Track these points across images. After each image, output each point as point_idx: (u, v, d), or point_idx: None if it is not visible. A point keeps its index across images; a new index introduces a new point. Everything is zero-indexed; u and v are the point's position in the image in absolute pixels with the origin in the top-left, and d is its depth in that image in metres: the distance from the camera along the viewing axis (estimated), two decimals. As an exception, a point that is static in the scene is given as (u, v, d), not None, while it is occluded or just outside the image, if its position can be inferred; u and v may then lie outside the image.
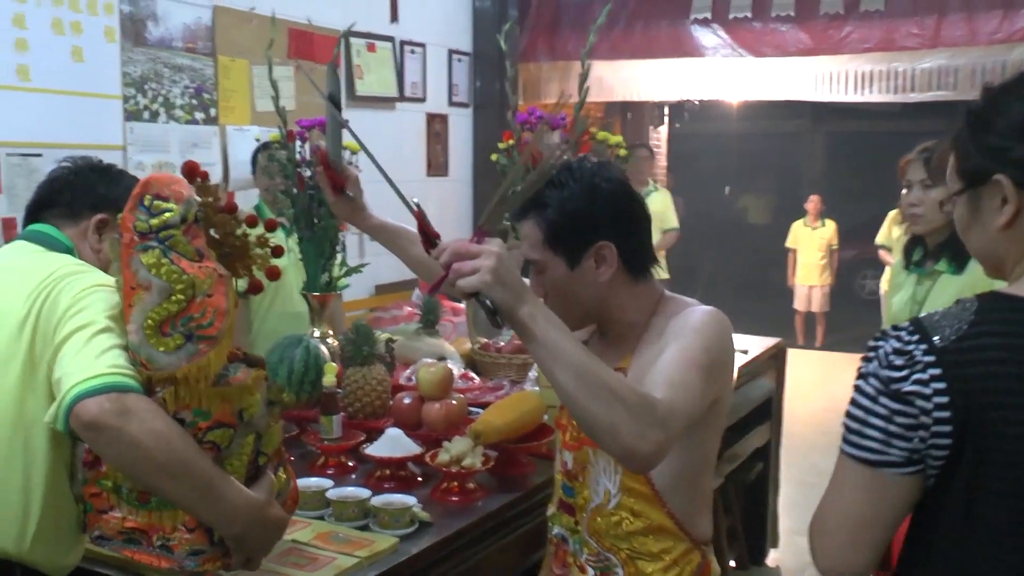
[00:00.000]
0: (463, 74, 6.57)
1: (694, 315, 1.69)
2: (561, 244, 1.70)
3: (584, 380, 1.39)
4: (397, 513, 2.00)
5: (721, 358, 1.66)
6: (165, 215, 1.57)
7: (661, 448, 1.42)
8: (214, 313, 1.57)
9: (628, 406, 1.39)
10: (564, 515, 1.87)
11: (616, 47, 6.68)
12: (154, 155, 4.28)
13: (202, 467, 1.56)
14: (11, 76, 3.71)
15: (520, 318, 1.42)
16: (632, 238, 1.74)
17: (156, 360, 1.55)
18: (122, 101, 4.13)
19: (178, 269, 1.55)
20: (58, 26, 3.88)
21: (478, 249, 1.41)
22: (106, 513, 1.66)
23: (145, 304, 1.55)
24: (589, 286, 1.72)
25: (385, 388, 2.62)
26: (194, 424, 1.58)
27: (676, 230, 7.29)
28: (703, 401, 1.58)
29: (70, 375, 1.52)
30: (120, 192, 1.91)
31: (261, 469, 1.71)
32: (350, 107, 5.53)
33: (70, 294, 1.64)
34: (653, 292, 1.79)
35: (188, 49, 4.46)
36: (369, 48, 5.72)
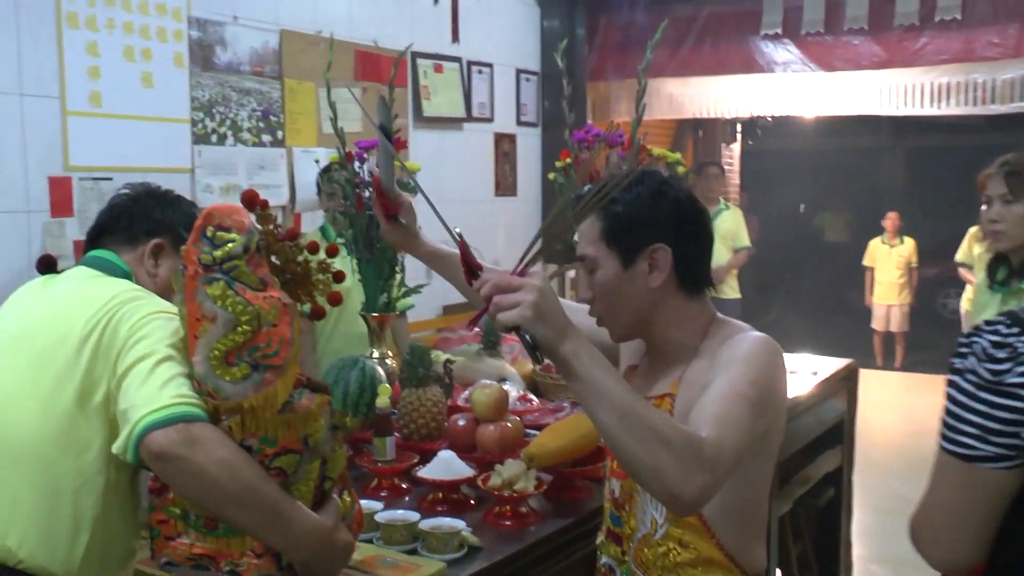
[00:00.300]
0: (531, 94, 6.56)
1: (743, 344, 1.63)
2: (618, 241, 1.67)
3: (627, 421, 1.36)
4: (446, 537, 1.96)
5: (771, 389, 1.60)
6: (228, 246, 1.59)
7: (707, 490, 1.38)
8: (280, 343, 1.58)
9: (672, 448, 1.35)
10: (612, 545, 1.82)
11: (686, 64, 6.62)
12: (222, 178, 4.34)
13: (269, 494, 1.57)
14: (84, 103, 3.79)
15: (562, 354, 1.38)
16: (690, 249, 1.70)
17: (223, 390, 1.57)
18: (190, 125, 4.20)
19: (243, 300, 1.56)
20: (129, 53, 3.96)
21: (520, 282, 1.38)
22: (174, 540, 1.67)
23: (211, 335, 1.56)
24: (639, 290, 1.67)
25: (440, 410, 2.59)
26: (260, 451, 1.59)
27: (748, 248, 7.16)
28: (752, 435, 1.53)
29: (137, 407, 1.54)
30: (176, 217, 1.95)
31: (327, 494, 1.72)
32: (417, 128, 5.56)
33: (130, 321, 1.65)
34: (705, 313, 1.73)
35: (255, 73, 4.52)
36: (436, 69, 5.74)
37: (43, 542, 1.64)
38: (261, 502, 1.56)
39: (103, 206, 1.98)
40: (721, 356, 1.62)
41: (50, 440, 1.65)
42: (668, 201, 1.67)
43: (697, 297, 1.73)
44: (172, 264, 1.90)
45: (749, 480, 1.67)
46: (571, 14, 6.65)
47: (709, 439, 1.42)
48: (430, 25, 5.62)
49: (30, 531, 1.64)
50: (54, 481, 1.65)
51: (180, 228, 1.92)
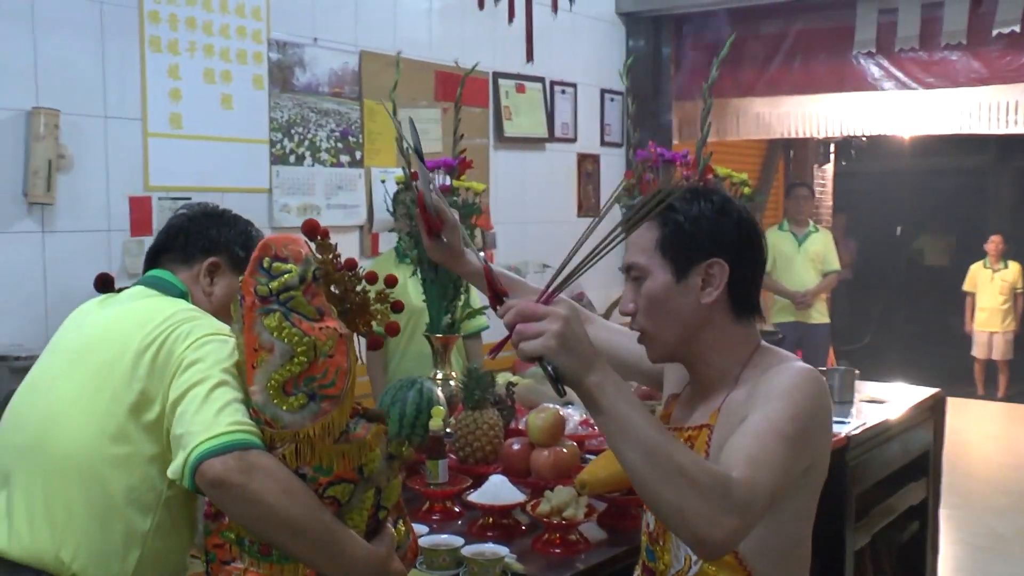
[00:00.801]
0: (615, 113, 6.49)
1: (784, 376, 1.55)
2: (674, 251, 1.60)
3: (653, 459, 1.29)
4: (488, 564, 1.91)
5: (812, 423, 1.51)
6: (284, 277, 1.59)
7: (735, 535, 1.32)
8: (336, 373, 1.59)
9: (699, 489, 1.29)
10: None
11: (774, 83, 6.47)
12: (299, 198, 4.39)
13: (323, 522, 1.57)
14: (164, 124, 3.88)
15: (587, 387, 1.32)
16: (746, 271, 1.63)
17: (281, 419, 1.58)
18: (269, 145, 4.25)
19: (299, 332, 1.57)
20: (209, 75, 4.03)
21: (544, 311, 1.33)
22: (229, 564, 1.68)
23: (268, 366, 1.57)
24: (689, 306, 1.60)
25: (497, 433, 2.55)
26: (315, 480, 1.60)
27: (837, 272, 6.97)
28: (789, 475, 1.46)
29: (193, 434, 1.55)
30: (232, 236, 1.97)
31: (381, 523, 1.71)
32: (498, 148, 5.55)
33: (185, 343, 1.67)
34: (750, 340, 1.66)
35: (334, 93, 4.56)
36: (518, 89, 5.73)
37: (95, 556, 1.66)
38: (314, 530, 1.56)
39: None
40: (761, 388, 1.55)
41: (104, 455, 1.67)
42: (731, 218, 1.62)
43: (745, 322, 1.65)
44: (228, 283, 1.93)
45: (789, 516, 1.58)
46: (657, 33, 6.57)
47: (740, 480, 1.35)
48: (512, 46, 5.62)
49: (83, 545, 1.66)
50: (107, 497, 1.66)
51: (236, 247, 1.95)
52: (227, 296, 1.91)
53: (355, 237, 4.71)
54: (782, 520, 1.56)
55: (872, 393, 3.87)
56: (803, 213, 6.92)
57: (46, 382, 1.78)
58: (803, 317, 6.75)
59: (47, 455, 1.69)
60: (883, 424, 3.43)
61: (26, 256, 3.42)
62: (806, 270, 6.78)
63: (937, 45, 5.92)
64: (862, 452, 3.28)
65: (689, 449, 1.39)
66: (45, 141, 3.40)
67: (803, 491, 1.58)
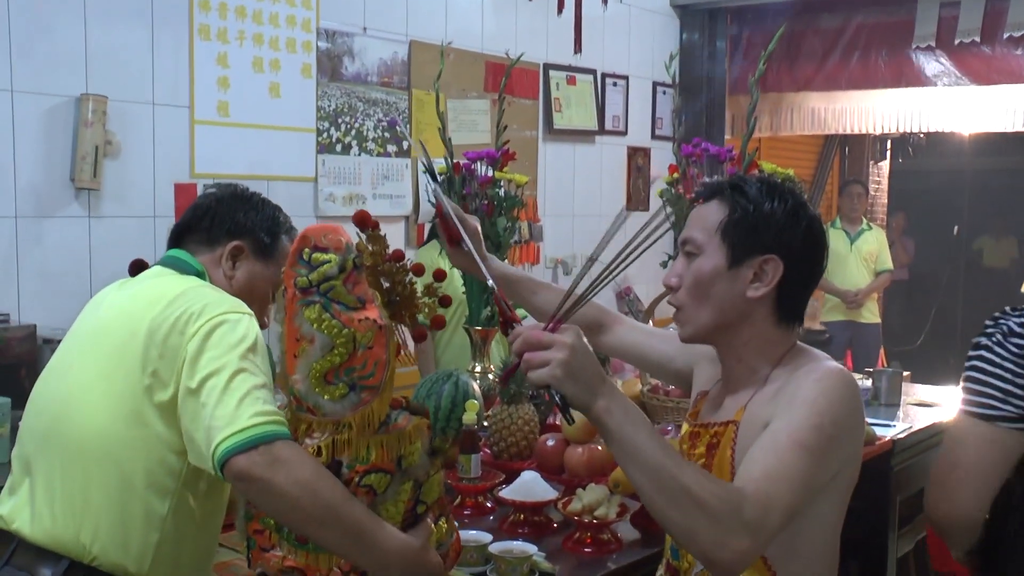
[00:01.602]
0: (667, 107, 6.42)
1: (810, 379, 1.51)
2: (734, 236, 1.57)
3: (660, 482, 1.30)
4: (516, 562, 1.89)
5: (838, 429, 1.47)
6: (323, 267, 1.59)
7: (745, 556, 1.32)
8: (375, 365, 1.59)
9: (708, 511, 1.29)
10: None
11: (831, 78, 6.34)
12: (345, 187, 4.39)
13: (352, 513, 1.55)
14: (212, 112, 3.89)
15: (594, 412, 1.34)
16: (801, 275, 1.59)
17: (323, 407, 1.59)
18: (315, 134, 4.26)
19: (339, 324, 1.57)
20: (258, 64, 4.04)
21: (550, 339, 1.33)
22: (268, 551, 1.68)
23: (309, 356, 1.58)
24: (734, 295, 1.57)
25: (532, 428, 2.52)
26: (351, 467, 1.60)
27: (890, 271, 6.83)
28: (811, 487, 1.43)
29: (217, 428, 1.54)
30: (259, 220, 1.93)
31: (420, 517, 1.70)
32: (547, 140, 5.52)
33: (196, 323, 1.65)
34: (786, 343, 1.62)
35: (383, 83, 4.55)
36: (569, 81, 5.68)
37: (114, 539, 1.65)
38: (343, 522, 1.55)
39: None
40: (788, 389, 1.52)
41: (120, 438, 1.66)
42: (800, 221, 1.58)
43: (785, 326, 1.62)
44: (250, 268, 1.90)
45: (816, 521, 1.55)
46: (712, 26, 6.48)
47: (754, 497, 1.34)
48: (564, 38, 5.57)
49: (101, 528, 1.65)
50: (124, 480, 1.66)
51: (261, 232, 1.92)
52: (248, 281, 1.89)
53: (401, 227, 4.70)
54: (810, 523, 1.53)
55: (922, 396, 3.78)
56: (856, 211, 6.80)
57: (63, 367, 1.77)
58: (854, 316, 6.63)
59: (64, 440, 1.69)
60: (931, 428, 3.35)
61: (72, 240, 3.46)
62: (858, 269, 6.66)
63: (999, 38, 5.75)
64: (908, 457, 3.20)
65: (699, 469, 1.37)
66: (93, 127, 3.43)
67: (832, 495, 1.54)
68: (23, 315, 3.30)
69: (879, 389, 3.62)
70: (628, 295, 5.86)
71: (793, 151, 8.30)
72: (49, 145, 3.40)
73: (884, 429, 3.17)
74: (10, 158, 3.30)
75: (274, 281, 1.93)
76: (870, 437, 2.96)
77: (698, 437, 1.66)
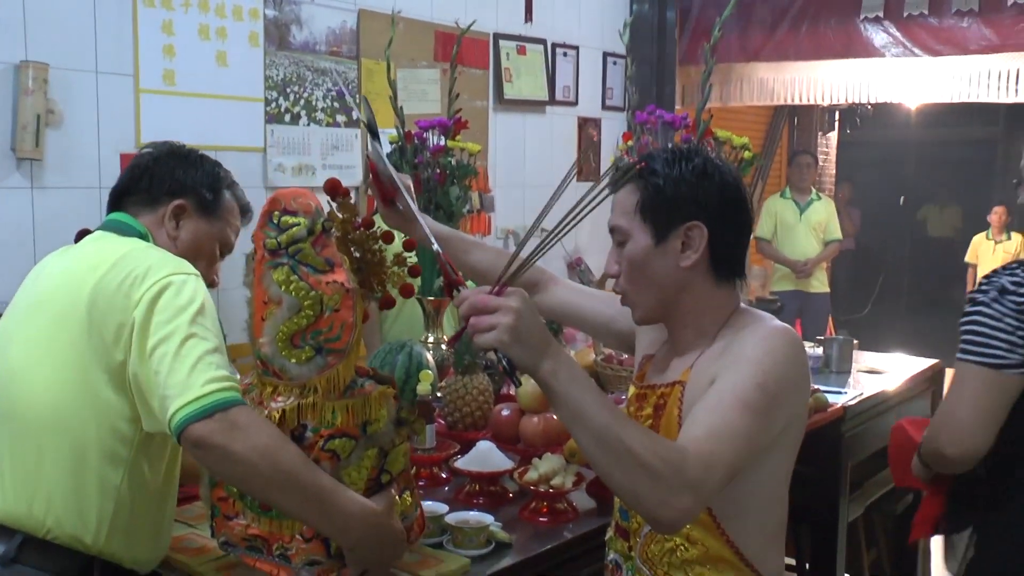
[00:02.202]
0: (618, 78, 6.41)
1: (755, 337, 1.53)
2: (653, 214, 1.58)
3: (604, 444, 1.32)
4: (472, 532, 1.88)
5: (783, 387, 1.49)
6: (292, 230, 1.61)
7: (688, 512, 1.34)
8: (341, 327, 1.62)
9: (651, 472, 1.31)
10: (619, 540, 1.73)
11: (780, 48, 6.37)
12: (295, 158, 4.32)
13: (310, 478, 1.55)
14: (158, 81, 3.80)
15: (541, 375, 1.35)
16: (727, 233, 1.61)
17: (289, 371, 1.60)
18: (264, 104, 4.18)
19: (306, 286, 1.59)
20: (204, 32, 3.96)
21: (496, 303, 1.34)
22: (232, 520, 1.70)
23: (277, 318, 1.60)
24: (668, 269, 1.59)
25: (487, 399, 2.51)
26: (316, 431, 1.61)
27: (839, 241, 6.90)
28: (754, 444, 1.45)
29: (170, 397, 1.52)
30: (199, 177, 1.89)
31: (384, 488, 1.70)
32: (497, 111, 5.48)
33: (142, 287, 1.61)
34: (730, 303, 1.64)
35: (332, 53, 4.48)
36: (520, 51, 5.64)
37: (69, 510, 1.63)
38: (302, 486, 1.54)
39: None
40: (733, 348, 1.54)
41: (69, 408, 1.63)
42: (713, 181, 1.59)
43: (726, 285, 1.64)
44: (194, 226, 1.86)
45: (763, 478, 1.57)
46: (662, -3, 6.46)
47: (696, 456, 1.36)
48: (514, 7, 5.52)
49: (55, 499, 1.62)
50: (76, 450, 1.63)
51: (203, 189, 1.88)
52: (193, 240, 1.85)
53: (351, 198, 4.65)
54: (757, 481, 1.55)
55: (871, 363, 3.84)
56: (806, 181, 6.86)
57: (4, 341, 1.73)
58: (803, 286, 6.70)
59: (11, 414, 1.66)
60: (880, 395, 3.40)
61: (15, 212, 3.37)
62: (807, 239, 6.73)
63: (947, 10, 5.81)
64: (858, 423, 3.25)
65: (644, 430, 1.38)
66: (34, 95, 3.33)
67: (778, 452, 1.56)
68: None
69: (830, 357, 3.66)
70: (579, 266, 5.86)
71: (742, 122, 8.34)
72: (-12, 114, 3.31)
73: (835, 396, 3.21)
74: (-53, 127, 3.21)
75: (220, 238, 1.91)
76: (822, 404, 3.00)
77: (645, 399, 1.67)
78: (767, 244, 6.85)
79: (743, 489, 1.52)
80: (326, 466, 1.62)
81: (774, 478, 1.59)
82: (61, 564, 1.63)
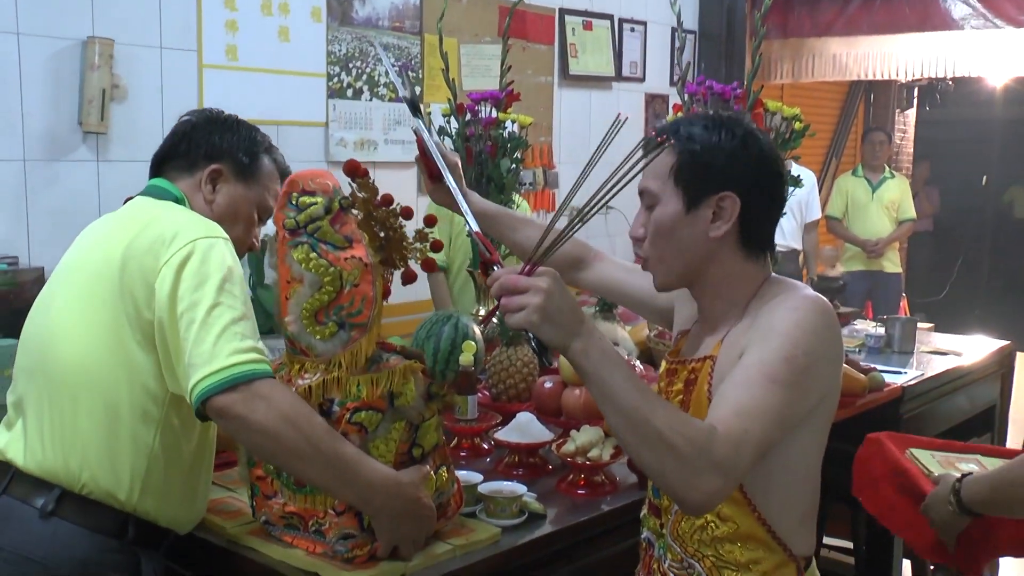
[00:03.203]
0: (687, 53, 6.32)
1: (783, 308, 1.49)
2: (686, 180, 1.54)
3: (633, 424, 1.32)
4: (505, 502, 1.88)
5: (812, 360, 1.45)
6: (310, 209, 1.67)
7: (716, 493, 1.33)
8: (362, 302, 1.67)
9: (678, 453, 1.30)
10: (652, 518, 1.70)
11: (853, 22, 6.21)
12: (356, 132, 4.35)
13: (332, 448, 1.58)
14: (220, 56, 3.86)
15: (572, 354, 1.35)
16: (760, 206, 1.56)
17: (315, 347, 1.66)
18: (326, 79, 4.22)
19: (325, 262, 1.64)
20: (267, 7, 4.00)
21: (526, 283, 1.33)
22: (271, 499, 1.74)
23: (300, 296, 1.65)
24: (696, 237, 1.55)
25: (531, 371, 2.51)
26: (342, 404, 1.65)
27: (912, 220, 6.73)
28: (786, 420, 1.42)
29: (195, 367, 1.56)
30: (235, 142, 1.91)
31: (416, 462, 1.73)
32: (562, 87, 5.45)
33: (169, 251, 1.64)
34: (759, 275, 1.59)
35: (395, 28, 4.50)
36: (585, 26, 5.60)
37: (103, 466, 1.67)
38: (324, 455, 1.57)
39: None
40: (762, 320, 1.49)
41: (101, 366, 1.67)
42: (750, 152, 1.55)
43: (756, 259, 1.59)
44: (230, 190, 1.88)
45: (795, 453, 1.52)
46: (732, -30, 6.35)
47: (725, 435, 1.34)
48: (579, -19, 5.48)
49: (89, 455, 1.66)
50: (110, 407, 1.67)
51: (240, 153, 1.90)
52: (229, 204, 1.87)
53: (413, 173, 4.66)
54: (789, 456, 1.51)
55: (940, 344, 3.74)
56: (879, 159, 6.69)
57: (46, 302, 1.78)
58: (874, 266, 6.56)
59: (48, 372, 1.70)
60: (944, 375, 3.31)
61: (82, 184, 3.46)
62: (880, 218, 6.57)
63: (1031, -21, 5.60)
64: (919, 404, 3.17)
65: (674, 410, 1.36)
66: (100, 71, 3.41)
67: (811, 427, 1.52)
68: (33, 258, 3.31)
69: (892, 336, 3.58)
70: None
71: (816, 98, 8.16)
72: (57, 89, 3.38)
73: (894, 376, 3.14)
74: (17, 102, 3.29)
75: (257, 201, 1.92)
76: (877, 383, 2.93)
77: (675, 374, 1.65)
78: (837, 223, 6.71)
79: (775, 465, 1.49)
80: (354, 439, 1.64)
81: (807, 454, 1.55)
82: (97, 519, 1.67)
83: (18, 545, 1.65)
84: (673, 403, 1.58)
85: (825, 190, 7.71)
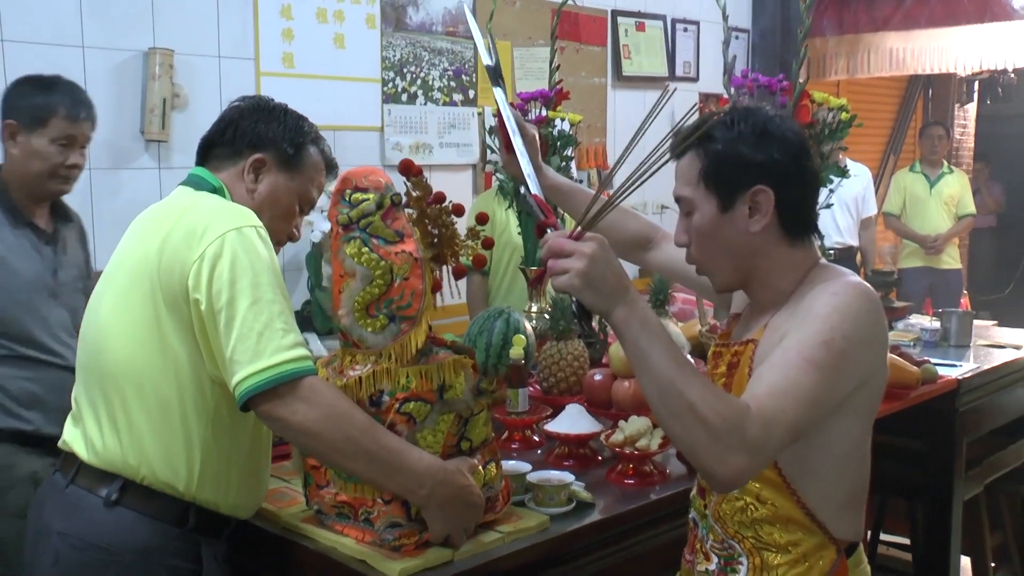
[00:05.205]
0: (740, 52, 6.30)
1: (827, 293, 1.49)
2: (716, 182, 1.55)
3: (666, 395, 1.33)
4: (553, 491, 1.91)
5: (853, 345, 1.44)
6: (362, 205, 1.72)
7: (744, 472, 1.34)
8: (412, 295, 1.71)
9: (709, 428, 1.31)
10: (698, 498, 1.72)
11: (910, 15, 6.14)
12: (411, 136, 4.42)
13: (375, 442, 1.62)
14: (277, 64, 3.96)
15: (613, 321, 1.37)
16: (794, 192, 1.56)
17: (366, 340, 1.71)
18: (381, 84, 4.29)
19: (376, 256, 1.70)
20: (322, 15, 4.09)
21: (572, 247, 1.36)
22: (323, 488, 1.79)
23: (352, 290, 1.71)
24: (739, 235, 1.56)
25: (582, 364, 2.54)
26: (392, 395, 1.69)
27: (972, 216, 6.61)
28: (822, 404, 1.42)
29: (239, 364, 1.59)
30: (281, 131, 1.85)
31: (464, 454, 1.77)
32: (616, 88, 5.48)
33: (200, 245, 1.64)
34: (808, 259, 1.59)
35: (448, 33, 4.56)
36: (638, 27, 5.62)
37: (160, 460, 1.71)
38: (367, 451, 1.61)
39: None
40: (804, 304, 1.50)
41: (148, 362, 1.70)
42: (772, 140, 1.54)
43: (801, 244, 1.59)
44: (273, 180, 1.84)
45: (836, 438, 1.53)
46: (786, -33, 6.32)
47: (757, 414, 1.34)
48: (631, -17, 5.50)
49: (146, 449, 1.71)
50: (161, 401, 1.70)
51: (284, 144, 1.85)
52: (270, 194, 1.83)
53: (468, 175, 4.74)
54: (828, 441, 1.52)
55: (998, 338, 3.69)
56: (937, 153, 6.59)
57: (96, 300, 1.81)
58: (933, 262, 6.46)
59: (102, 370, 1.74)
60: (1002, 368, 3.27)
61: (144, 191, 3.57)
62: (938, 213, 6.47)
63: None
64: (976, 398, 3.14)
65: (710, 385, 1.36)
66: (160, 80, 3.52)
67: (851, 413, 1.51)
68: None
69: (948, 330, 3.54)
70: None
71: (874, 94, 8.07)
72: (119, 98, 3.50)
73: (949, 369, 3.11)
74: (83, 112, 3.41)
75: (300, 192, 1.88)
76: (930, 375, 2.91)
77: (720, 356, 1.66)
78: (895, 219, 6.63)
79: (814, 449, 1.50)
80: (402, 429, 1.68)
81: (848, 439, 1.55)
82: (159, 508, 1.72)
83: (85, 532, 1.71)
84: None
85: (883, 187, 7.61)
